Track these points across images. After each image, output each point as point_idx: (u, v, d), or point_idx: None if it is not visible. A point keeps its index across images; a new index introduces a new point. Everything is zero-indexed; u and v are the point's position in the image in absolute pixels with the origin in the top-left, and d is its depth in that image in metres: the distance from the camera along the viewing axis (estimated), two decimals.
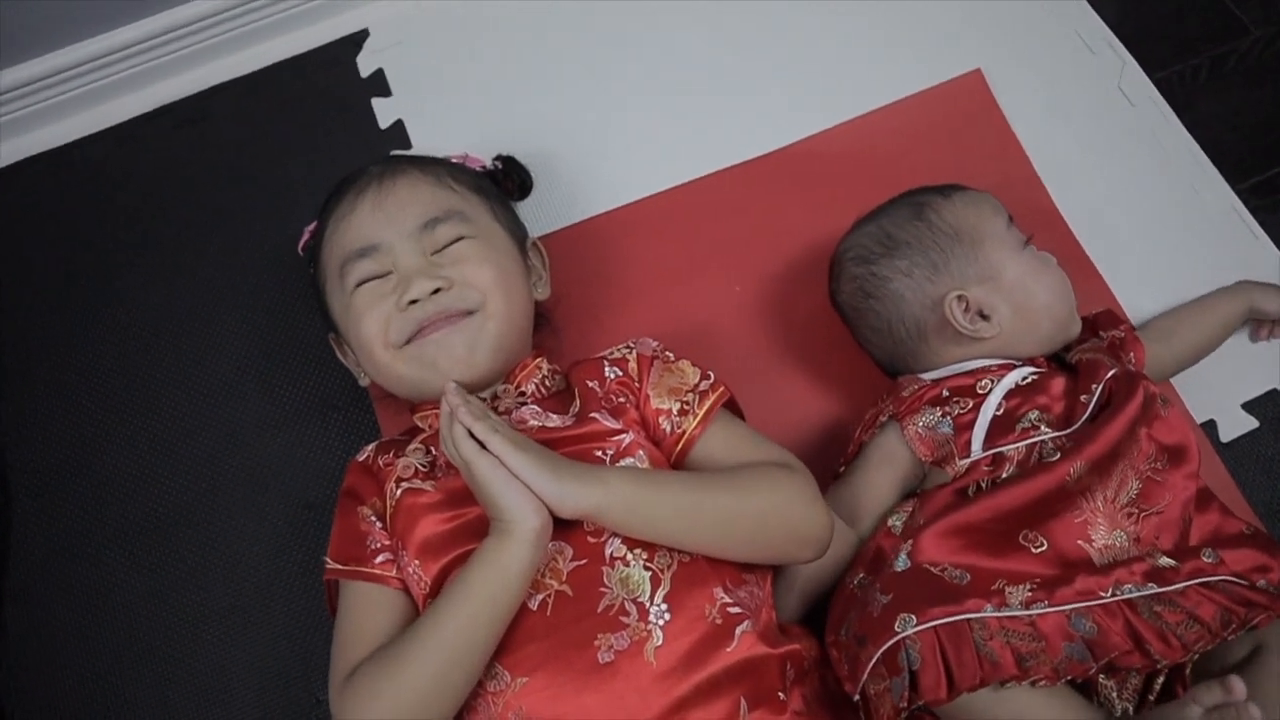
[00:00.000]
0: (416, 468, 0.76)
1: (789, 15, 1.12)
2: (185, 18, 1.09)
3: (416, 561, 0.73)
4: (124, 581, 0.93)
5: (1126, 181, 1.04)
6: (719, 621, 0.68)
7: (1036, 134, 1.05)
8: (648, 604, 0.68)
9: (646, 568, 0.69)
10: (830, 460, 0.87)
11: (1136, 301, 0.98)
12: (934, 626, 0.67)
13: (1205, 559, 0.71)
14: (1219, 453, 0.92)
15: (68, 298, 1.04)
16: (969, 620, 0.67)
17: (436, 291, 0.77)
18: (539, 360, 0.83)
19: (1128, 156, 1.05)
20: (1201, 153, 1.05)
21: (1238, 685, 0.60)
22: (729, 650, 0.68)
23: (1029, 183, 1.03)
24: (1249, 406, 0.94)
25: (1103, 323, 0.88)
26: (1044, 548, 0.71)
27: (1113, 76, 1.09)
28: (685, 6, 1.12)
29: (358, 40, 1.14)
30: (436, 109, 1.10)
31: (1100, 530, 0.72)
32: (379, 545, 0.75)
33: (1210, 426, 0.93)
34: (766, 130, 1.05)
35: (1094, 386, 0.77)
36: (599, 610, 0.68)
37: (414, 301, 0.77)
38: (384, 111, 1.10)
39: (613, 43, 1.12)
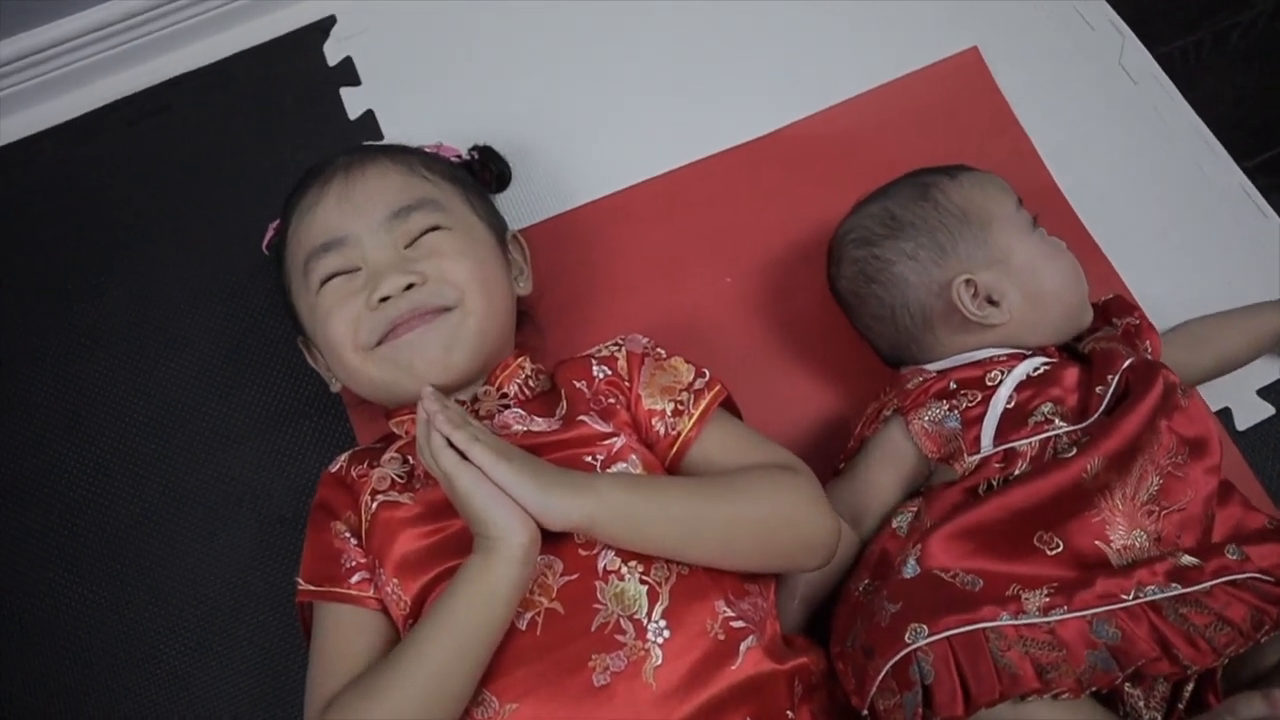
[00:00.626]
0: (393, 478, 0.71)
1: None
2: (141, 5, 1.03)
3: (395, 580, 0.68)
4: (80, 600, 0.88)
5: (1130, 161, 1.00)
6: (722, 637, 0.64)
7: (1036, 113, 1.01)
8: (645, 621, 0.63)
9: (643, 581, 0.65)
10: (831, 458, 0.83)
11: (1143, 285, 0.94)
12: (947, 637, 0.63)
13: (1230, 556, 0.68)
14: (1236, 441, 0.88)
15: (20, 299, 0.99)
16: (984, 629, 0.63)
17: (409, 287, 0.72)
18: (522, 360, 0.78)
19: (1131, 135, 1.01)
20: (1207, 130, 1.02)
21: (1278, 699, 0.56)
22: (733, 668, 0.63)
23: (1030, 163, 0.99)
24: (1264, 393, 0.91)
25: (1114, 309, 0.84)
26: (1059, 549, 0.67)
27: (1113, 53, 1.05)
28: None
29: (324, 27, 1.09)
30: (409, 98, 1.05)
31: (1119, 530, 0.68)
32: (354, 563, 0.71)
33: (1225, 414, 0.90)
34: (756, 114, 1.01)
35: (1110, 377, 0.73)
36: (593, 629, 0.63)
37: (385, 299, 0.71)
38: (353, 101, 1.05)
39: (593, 24, 1.07)
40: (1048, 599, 0.63)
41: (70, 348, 0.96)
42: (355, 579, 0.70)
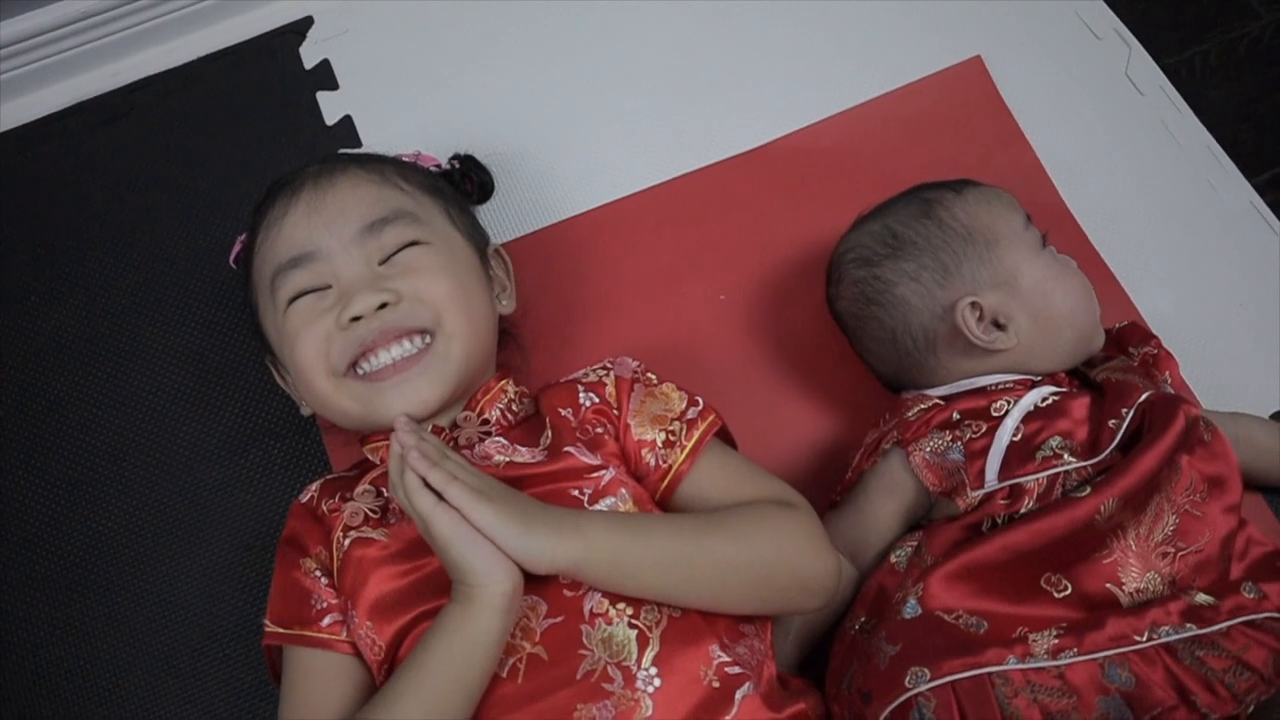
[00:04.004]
0: (366, 513, 0.67)
1: (772, 2, 1.04)
2: (105, 3, 0.99)
3: (369, 623, 0.64)
4: (37, 628, 0.83)
5: (1136, 174, 0.97)
6: (717, 685, 0.60)
7: (1040, 124, 0.98)
8: (634, 668, 0.59)
9: (632, 625, 0.61)
10: (829, 485, 0.79)
11: (1150, 302, 0.91)
12: (951, 682, 0.60)
13: (1246, 594, 0.65)
14: None
15: None
16: (990, 674, 0.60)
17: (383, 307, 0.67)
18: (504, 382, 0.74)
19: (1137, 148, 0.98)
20: (1216, 144, 0.99)
21: None
22: (729, 719, 0.59)
23: (1034, 175, 0.96)
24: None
25: (1131, 338, 0.81)
26: (1068, 592, 0.64)
27: (1119, 63, 1.02)
28: None
29: (300, 29, 1.06)
30: (388, 104, 1.01)
31: (1132, 572, 0.65)
32: (325, 605, 0.67)
33: None
34: (752, 124, 0.98)
35: (1124, 411, 0.70)
36: (578, 677, 0.59)
37: (356, 318, 0.67)
38: (330, 106, 1.01)
39: (583, 28, 1.03)
40: (1056, 640, 0.60)
41: (29, 360, 0.92)
42: (326, 621, 0.66)
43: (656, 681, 0.59)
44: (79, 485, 0.88)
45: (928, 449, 0.72)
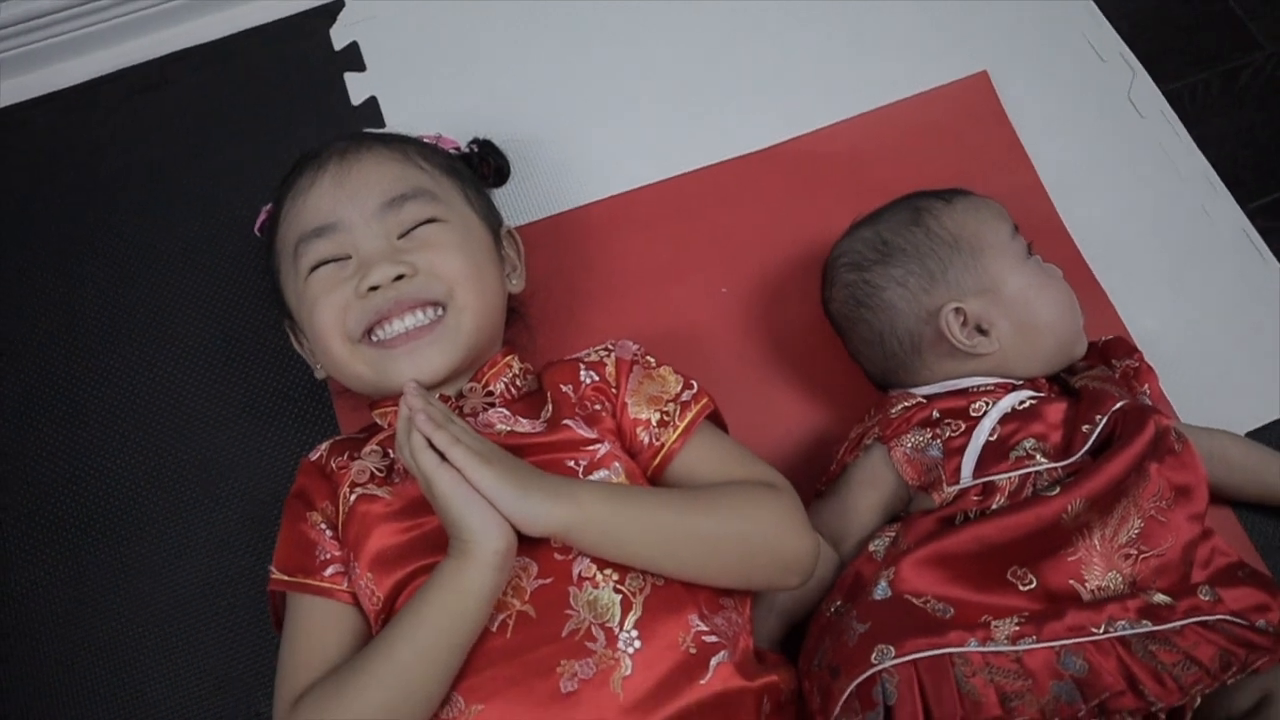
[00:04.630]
0: (372, 471, 0.71)
1: (790, 7, 1.07)
2: None
3: (369, 575, 0.67)
4: (55, 572, 0.87)
5: (1133, 194, 1.00)
6: (693, 651, 0.64)
7: (1042, 140, 1.01)
8: (617, 629, 0.63)
9: (617, 590, 0.64)
10: (815, 475, 0.82)
11: (1137, 319, 0.94)
12: (913, 660, 0.63)
13: (1203, 597, 0.68)
14: None
15: (6, 272, 0.98)
16: (951, 655, 0.63)
17: (399, 279, 0.71)
18: (510, 358, 0.78)
19: (1135, 169, 1.01)
20: (1211, 170, 1.01)
21: None
22: (702, 683, 0.63)
23: (1032, 191, 0.99)
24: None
25: (1114, 351, 0.84)
26: (1033, 585, 0.68)
27: (1122, 86, 1.05)
28: None
29: (332, 11, 1.09)
30: (413, 87, 1.04)
31: (1095, 570, 0.68)
32: (329, 556, 0.70)
33: (1276, 427, 0.89)
34: (762, 125, 1.01)
35: (1098, 417, 0.73)
36: (563, 634, 0.63)
37: (374, 288, 0.71)
38: (357, 87, 1.05)
39: (605, 24, 1.06)
40: (1017, 628, 0.63)
41: (55, 322, 0.96)
42: (329, 571, 0.70)
43: (637, 643, 0.62)
44: (100, 438, 0.91)
45: (908, 445, 0.75)
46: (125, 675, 0.83)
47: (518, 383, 0.76)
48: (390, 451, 0.72)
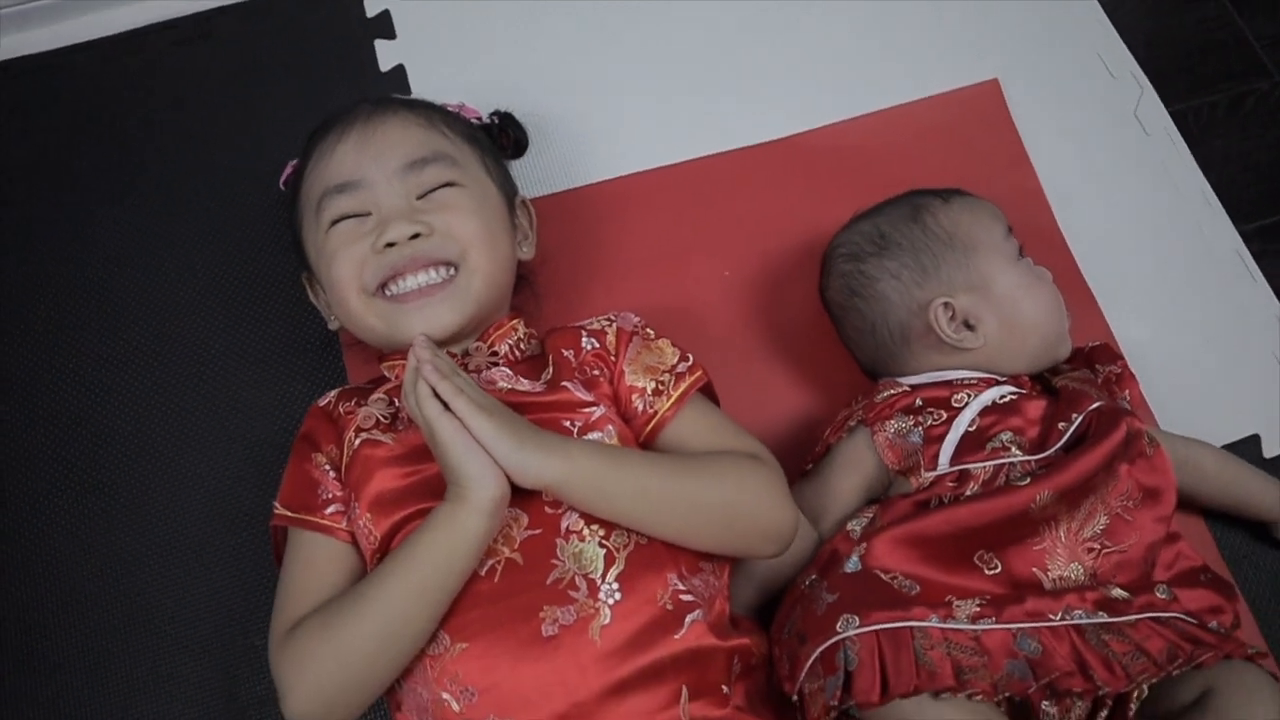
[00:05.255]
0: (378, 418, 0.74)
1: (812, 5, 1.09)
2: None
3: (368, 515, 0.71)
4: (64, 499, 0.90)
5: (1132, 209, 1.02)
6: (670, 607, 0.67)
7: (1047, 150, 1.04)
8: (599, 581, 0.66)
9: (602, 545, 0.68)
10: (802, 456, 0.85)
11: (1126, 329, 0.96)
12: (876, 630, 0.66)
13: (1159, 594, 0.71)
14: (1264, 469, 0.88)
15: (35, 209, 1.02)
16: (912, 628, 0.66)
17: (415, 237, 0.74)
18: (516, 322, 0.81)
19: (1136, 184, 1.04)
20: (1210, 190, 1.04)
21: None
22: (676, 637, 0.66)
23: (1033, 199, 1.01)
24: None
25: (1099, 357, 0.87)
26: (997, 570, 0.70)
27: (1130, 103, 1.07)
28: None
29: None
30: (440, 58, 1.07)
31: (1058, 561, 0.71)
32: (330, 495, 0.74)
33: (1254, 441, 0.92)
34: (775, 117, 1.03)
35: (1074, 416, 0.76)
36: (548, 582, 0.66)
37: (391, 244, 0.74)
38: (386, 54, 1.08)
39: (632, 10, 1.09)
40: (978, 609, 0.67)
41: (84, 257, 0.99)
42: (330, 510, 0.73)
43: (617, 595, 0.66)
44: (119, 374, 0.94)
45: (891, 430, 0.78)
46: (131, 596, 0.87)
47: (522, 346, 0.80)
48: (396, 400, 0.75)
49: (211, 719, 0.83)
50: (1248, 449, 0.92)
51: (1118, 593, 0.70)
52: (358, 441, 0.73)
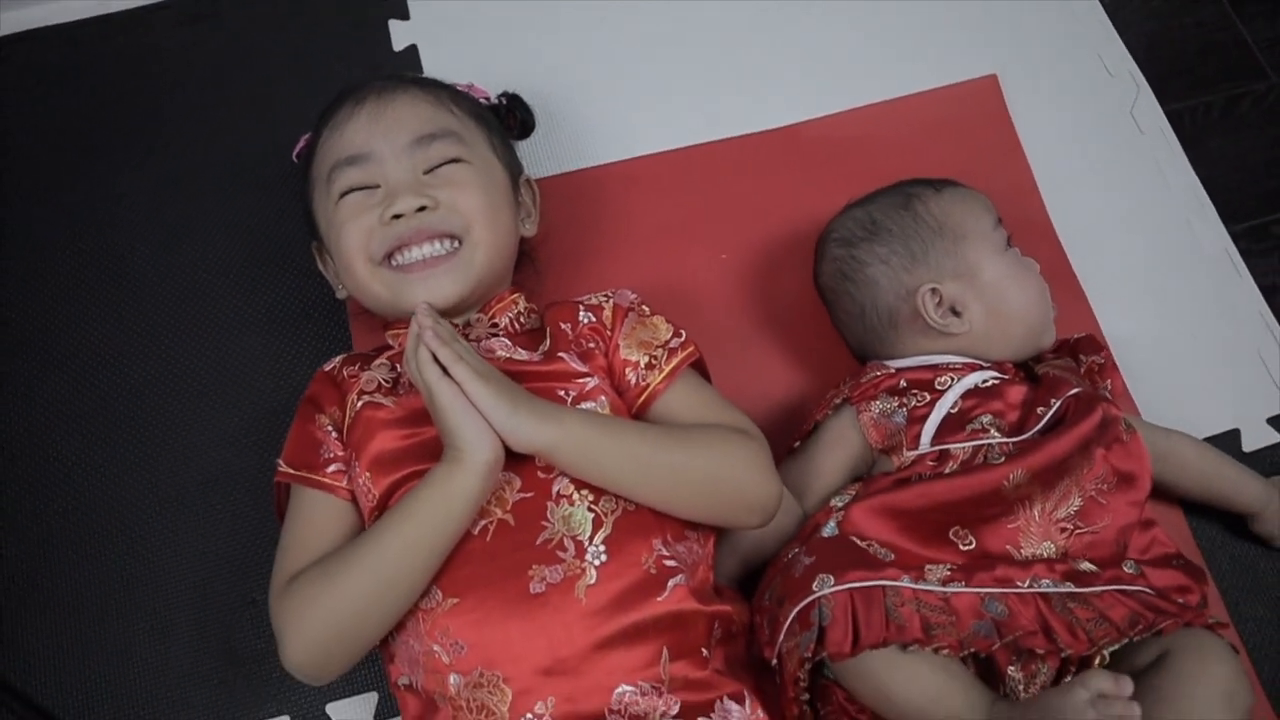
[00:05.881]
0: (380, 382, 0.77)
1: None
2: None
3: (367, 474, 0.73)
4: (74, 453, 0.94)
5: (1124, 205, 1.04)
6: (653, 571, 0.70)
7: (1042, 146, 1.06)
8: (586, 543, 0.69)
9: (590, 509, 0.70)
10: (790, 435, 0.87)
11: (1114, 323, 0.98)
12: (850, 589, 0.68)
13: (1126, 569, 0.73)
14: (1244, 462, 0.90)
15: (54, 174, 1.05)
16: (884, 587, 0.68)
17: (422, 209, 0.77)
18: (516, 296, 0.84)
19: (1129, 181, 1.05)
20: (1201, 189, 1.05)
21: (1126, 683, 0.61)
22: (659, 600, 0.69)
23: (1027, 192, 1.03)
24: (1274, 421, 0.94)
25: (1083, 348, 0.89)
26: (971, 546, 0.73)
27: (1126, 102, 1.09)
28: None
29: None
30: (453, 39, 1.10)
31: (1031, 539, 0.74)
32: (332, 455, 0.76)
33: (1234, 436, 0.94)
34: (777, 106, 1.06)
35: (1052, 401, 0.78)
36: (537, 542, 0.69)
37: (398, 216, 0.77)
38: (400, 34, 1.10)
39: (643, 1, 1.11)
40: (948, 573, 0.69)
41: (102, 221, 1.03)
42: (331, 469, 0.76)
43: (603, 557, 0.69)
44: (134, 333, 0.98)
45: (875, 410, 0.81)
46: (133, 550, 0.90)
47: (521, 319, 0.82)
48: (398, 366, 0.78)
49: (208, 670, 0.86)
50: (1227, 443, 0.94)
51: (1086, 566, 0.72)
52: (360, 404, 0.76)
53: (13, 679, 0.86)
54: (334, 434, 0.77)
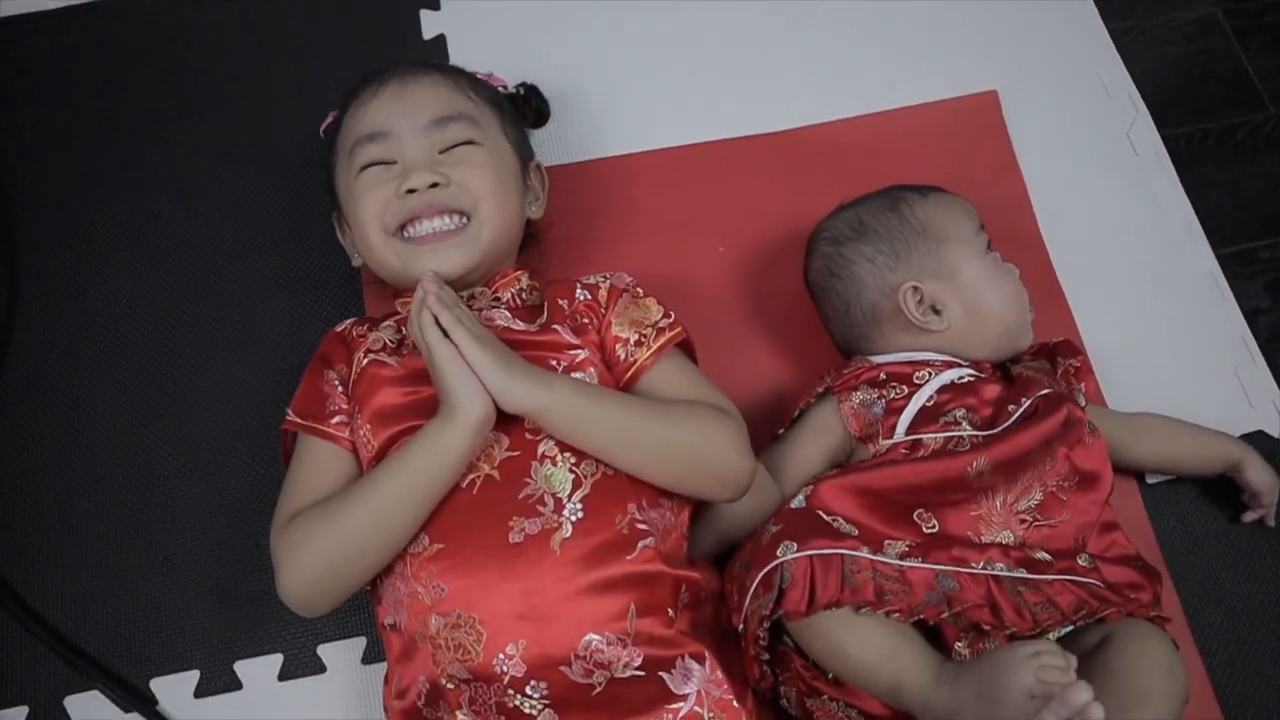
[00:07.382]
0: (385, 342, 0.82)
1: (829, 5, 1.16)
2: None
3: (368, 426, 0.78)
4: (104, 397, 1.00)
5: (1114, 224, 1.07)
6: (625, 532, 0.74)
7: (1037, 162, 1.09)
8: (565, 501, 0.74)
9: (571, 471, 0.75)
10: (775, 423, 0.91)
11: (1095, 336, 1.01)
12: (811, 555, 0.71)
13: (1080, 562, 0.76)
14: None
15: (95, 136, 1.12)
16: (843, 555, 0.71)
17: (434, 186, 0.82)
18: (520, 273, 0.89)
19: (1120, 201, 1.08)
20: (1192, 212, 1.08)
21: (1069, 658, 0.64)
22: (629, 559, 0.73)
23: (1020, 207, 1.06)
24: (1247, 438, 0.95)
25: (1061, 351, 0.92)
26: (934, 529, 0.76)
27: (1124, 124, 1.12)
28: None
29: None
30: (481, 30, 1.15)
31: (992, 527, 0.77)
32: (337, 408, 0.82)
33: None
34: (781, 110, 1.10)
35: (1023, 399, 0.81)
36: (519, 497, 0.73)
37: (412, 191, 0.82)
38: (430, 23, 1.16)
39: (663, 5, 1.16)
40: (906, 549, 0.72)
41: (134, 185, 1.09)
42: (335, 420, 0.81)
43: (580, 514, 0.73)
44: (162, 290, 1.04)
45: (856, 400, 0.85)
46: (151, 492, 0.96)
47: (523, 295, 0.87)
48: (403, 328, 0.83)
49: (211, 606, 0.92)
50: (1258, 443, 0.95)
51: (1041, 555, 0.75)
52: (365, 361, 0.81)
53: (43, 612, 0.92)
54: (340, 389, 0.82)
